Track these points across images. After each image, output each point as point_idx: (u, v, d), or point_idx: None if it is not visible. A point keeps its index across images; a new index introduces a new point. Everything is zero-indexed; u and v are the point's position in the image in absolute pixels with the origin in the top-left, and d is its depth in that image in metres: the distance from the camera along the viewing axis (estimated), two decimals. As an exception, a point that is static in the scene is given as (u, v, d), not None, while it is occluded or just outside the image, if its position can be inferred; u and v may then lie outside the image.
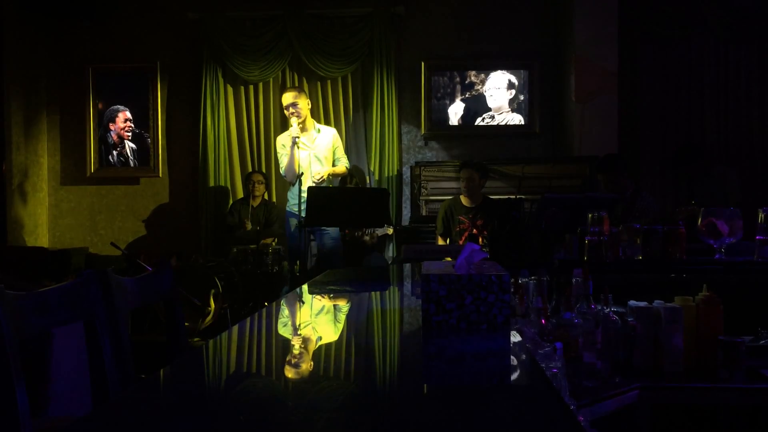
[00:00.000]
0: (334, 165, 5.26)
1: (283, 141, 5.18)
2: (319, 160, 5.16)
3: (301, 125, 5.08)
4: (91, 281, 1.61)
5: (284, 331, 1.79)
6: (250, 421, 0.96)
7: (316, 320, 1.98)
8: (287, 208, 5.22)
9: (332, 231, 5.06)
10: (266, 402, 1.10)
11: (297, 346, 1.57)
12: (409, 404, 1.06)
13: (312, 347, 1.56)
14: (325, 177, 5.11)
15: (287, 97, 5.15)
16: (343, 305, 2.28)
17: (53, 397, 2.62)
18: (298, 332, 1.77)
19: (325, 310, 2.18)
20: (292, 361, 1.41)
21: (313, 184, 4.99)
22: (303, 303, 2.30)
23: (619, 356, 1.98)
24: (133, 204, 6.36)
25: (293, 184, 5.06)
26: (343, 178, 5.43)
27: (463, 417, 0.95)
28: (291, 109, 5.09)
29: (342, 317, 2.04)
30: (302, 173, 4.93)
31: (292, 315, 2.06)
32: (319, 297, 2.42)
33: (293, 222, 4.95)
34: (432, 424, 0.95)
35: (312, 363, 1.39)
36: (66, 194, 6.41)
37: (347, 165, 5.40)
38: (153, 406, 1.08)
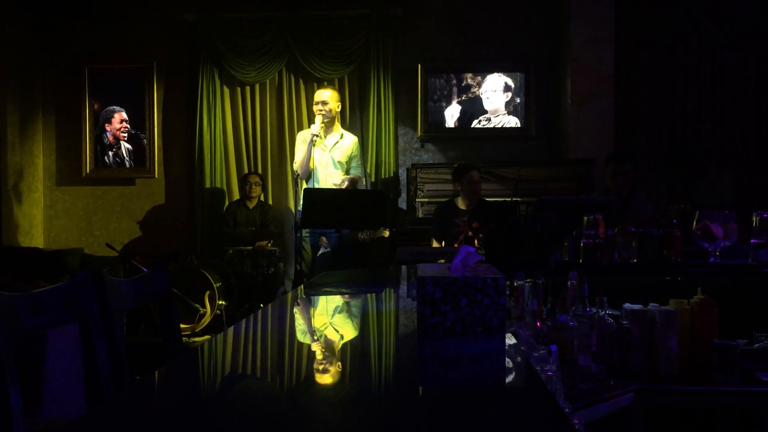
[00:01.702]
0: (348, 172, 5.27)
1: (303, 137, 5.22)
2: (335, 164, 5.17)
3: (326, 125, 5.12)
4: (86, 282, 1.60)
5: (279, 333, 1.79)
6: (244, 423, 0.96)
7: (311, 322, 1.98)
8: (299, 208, 5.23)
9: (341, 232, 5.05)
10: (261, 404, 1.10)
11: (292, 348, 1.56)
12: (404, 406, 1.06)
13: (307, 349, 1.56)
14: (345, 184, 5.12)
15: (319, 94, 5.25)
16: (339, 307, 2.28)
17: (47, 398, 2.62)
18: (293, 334, 1.77)
19: (321, 312, 2.18)
20: (287, 363, 1.41)
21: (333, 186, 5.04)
22: (298, 305, 2.29)
23: (614, 359, 1.98)
24: (129, 205, 6.34)
25: (306, 182, 5.09)
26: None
27: (458, 419, 0.95)
28: (319, 106, 5.14)
29: (338, 319, 2.04)
30: (311, 172, 4.96)
31: (288, 317, 2.06)
32: (314, 299, 2.42)
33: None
34: (427, 426, 0.95)
35: (307, 365, 1.39)
36: (61, 195, 6.39)
37: (360, 174, 5.42)
38: (148, 407, 1.07)
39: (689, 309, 2.03)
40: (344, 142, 5.26)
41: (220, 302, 5.08)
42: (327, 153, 5.20)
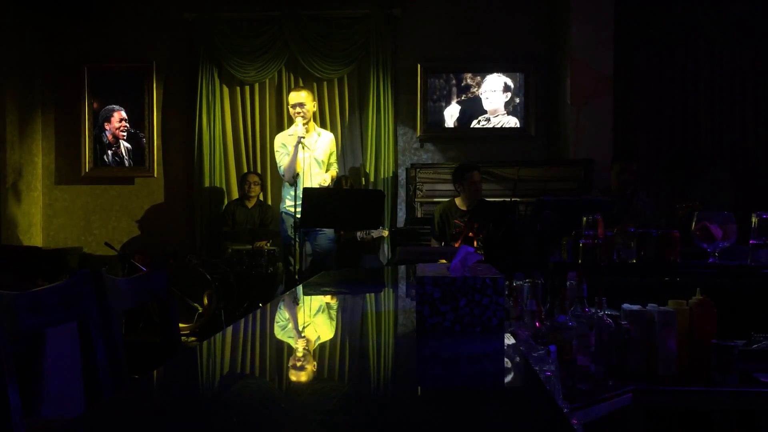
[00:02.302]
0: (327, 170, 5.26)
1: (282, 140, 5.14)
2: (317, 163, 5.15)
3: (305, 126, 5.06)
4: (84, 281, 1.60)
5: (278, 332, 1.79)
6: (242, 423, 0.96)
7: (310, 322, 1.98)
8: (282, 209, 5.21)
9: (328, 232, 5.05)
10: (259, 403, 1.10)
11: (291, 348, 1.56)
12: (403, 406, 1.06)
13: (306, 349, 1.56)
14: (328, 183, 5.12)
15: (295, 97, 5.11)
16: (338, 307, 2.28)
17: (46, 397, 2.61)
18: (292, 334, 1.77)
19: (320, 311, 2.18)
20: (286, 363, 1.41)
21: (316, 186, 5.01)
22: (297, 304, 2.29)
23: (613, 359, 1.98)
24: (128, 204, 6.34)
25: (291, 185, 5.03)
26: (337, 179, 5.45)
27: (457, 419, 0.95)
28: (297, 109, 5.04)
29: (336, 319, 2.04)
30: (297, 174, 4.92)
31: (287, 316, 2.06)
32: (313, 298, 2.42)
33: (289, 222, 4.94)
34: (426, 426, 0.95)
35: (306, 364, 1.39)
36: (60, 194, 6.39)
37: (337, 171, 5.41)
38: (146, 407, 1.07)
39: (688, 309, 2.03)
40: (323, 141, 5.20)
41: (219, 301, 5.08)
42: (309, 153, 5.17)
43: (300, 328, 1.85)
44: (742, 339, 2.14)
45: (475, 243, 4.38)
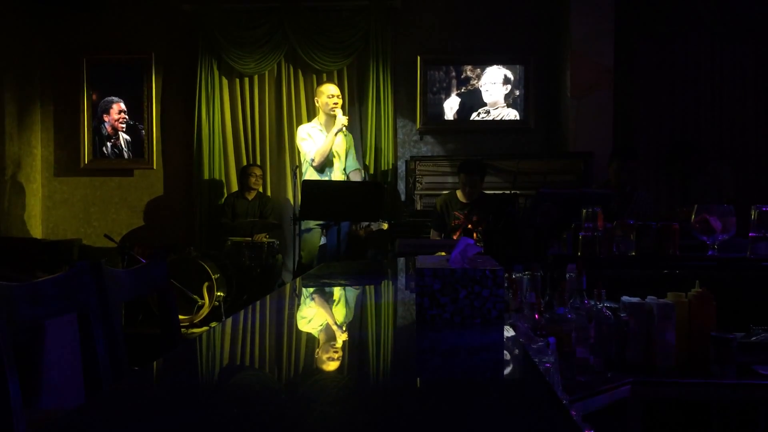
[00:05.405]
0: (346, 167, 5.40)
1: (307, 131, 5.23)
2: (337, 155, 5.24)
3: (331, 117, 5.19)
4: (84, 273, 1.60)
5: (277, 324, 1.79)
6: (242, 414, 0.96)
7: (309, 313, 1.98)
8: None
9: (342, 226, 5.09)
10: (259, 395, 1.10)
11: (290, 339, 1.57)
12: (403, 398, 1.06)
13: (305, 340, 1.56)
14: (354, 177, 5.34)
15: (331, 88, 5.29)
16: (337, 298, 2.28)
17: (46, 388, 2.62)
18: (291, 325, 1.77)
19: (319, 303, 2.18)
20: (286, 354, 1.41)
21: (344, 177, 5.20)
22: (297, 296, 2.30)
23: (612, 351, 1.99)
24: (127, 196, 6.34)
25: (321, 172, 5.13)
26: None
27: (456, 411, 0.95)
28: (335, 99, 5.23)
29: (336, 310, 2.04)
30: (330, 160, 5.06)
31: (286, 308, 2.06)
32: (312, 290, 2.42)
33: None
34: (425, 417, 0.95)
35: (305, 356, 1.39)
36: (59, 185, 6.38)
37: (359, 167, 5.58)
38: (146, 398, 1.08)
39: (687, 302, 2.04)
40: (341, 135, 5.28)
41: (219, 293, 5.08)
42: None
43: (299, 320, 1.85)
44: (741, 331, 2.15)
45: (474, 235, 4.39)
